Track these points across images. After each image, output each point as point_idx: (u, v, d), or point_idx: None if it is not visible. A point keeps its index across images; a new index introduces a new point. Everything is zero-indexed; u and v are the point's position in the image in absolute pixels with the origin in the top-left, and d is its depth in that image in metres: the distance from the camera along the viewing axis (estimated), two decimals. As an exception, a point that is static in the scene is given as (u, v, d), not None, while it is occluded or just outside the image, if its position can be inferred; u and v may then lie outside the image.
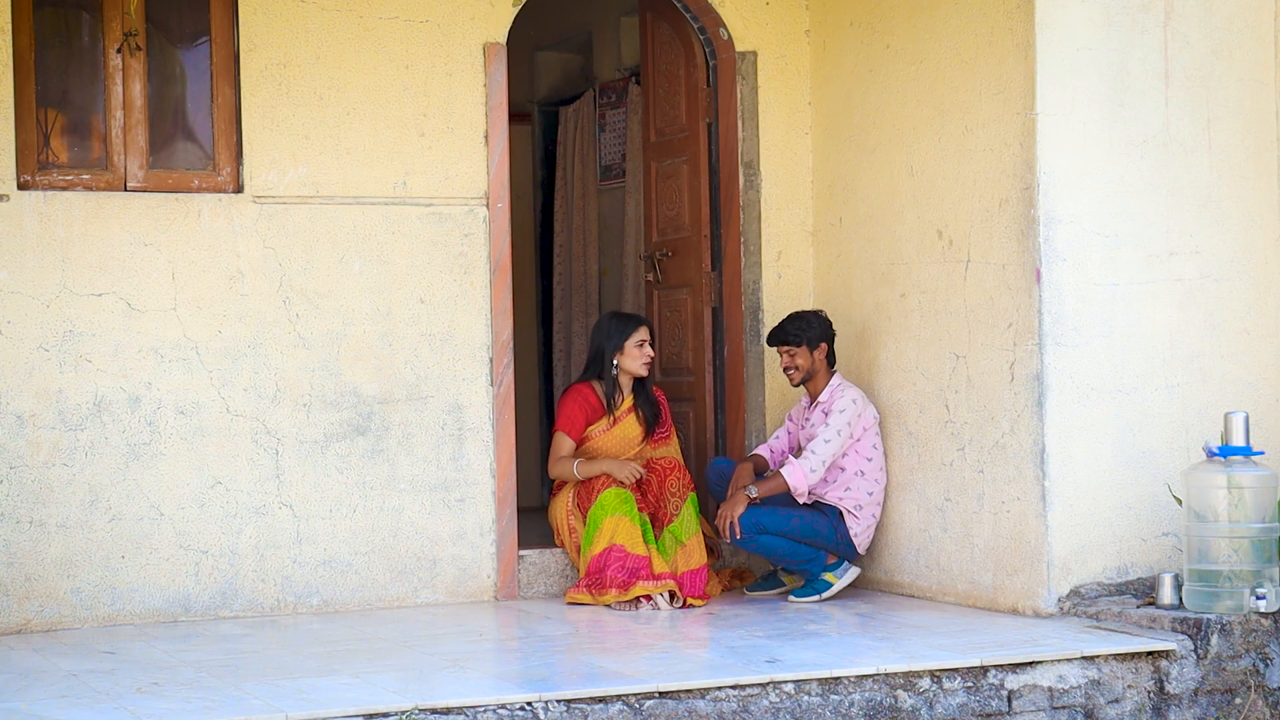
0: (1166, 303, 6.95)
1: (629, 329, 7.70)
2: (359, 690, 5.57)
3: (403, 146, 7.43)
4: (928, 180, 7.32)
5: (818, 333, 7.47)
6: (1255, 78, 7.09)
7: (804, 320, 7.50)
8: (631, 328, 7.71)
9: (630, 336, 7.69)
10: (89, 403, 6.97)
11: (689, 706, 5.62)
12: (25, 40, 6.98)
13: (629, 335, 7.69)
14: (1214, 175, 7.03)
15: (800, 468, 7.29)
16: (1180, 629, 6.31)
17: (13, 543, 6.86)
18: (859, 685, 5.84)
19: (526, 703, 5.47)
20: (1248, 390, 7.05)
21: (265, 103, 7.23)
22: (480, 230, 7.55)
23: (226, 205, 7.19)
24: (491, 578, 7.53)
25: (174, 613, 7.08)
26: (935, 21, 7.27)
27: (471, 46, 7.54)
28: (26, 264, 6.91)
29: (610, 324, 7.76)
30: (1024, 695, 6.02)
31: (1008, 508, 6.91)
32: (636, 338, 7.69)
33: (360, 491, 7.34)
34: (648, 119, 8.53)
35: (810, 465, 7.30)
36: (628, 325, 7.72)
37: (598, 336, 7.78)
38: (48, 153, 7.05)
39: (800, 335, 7.47)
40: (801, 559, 7.37)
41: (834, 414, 7.37)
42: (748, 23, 8.02)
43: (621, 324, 7.73)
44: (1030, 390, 6.80)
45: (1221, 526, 6.39)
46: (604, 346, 7.72)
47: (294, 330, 7.26)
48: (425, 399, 7.44)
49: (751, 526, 7.28)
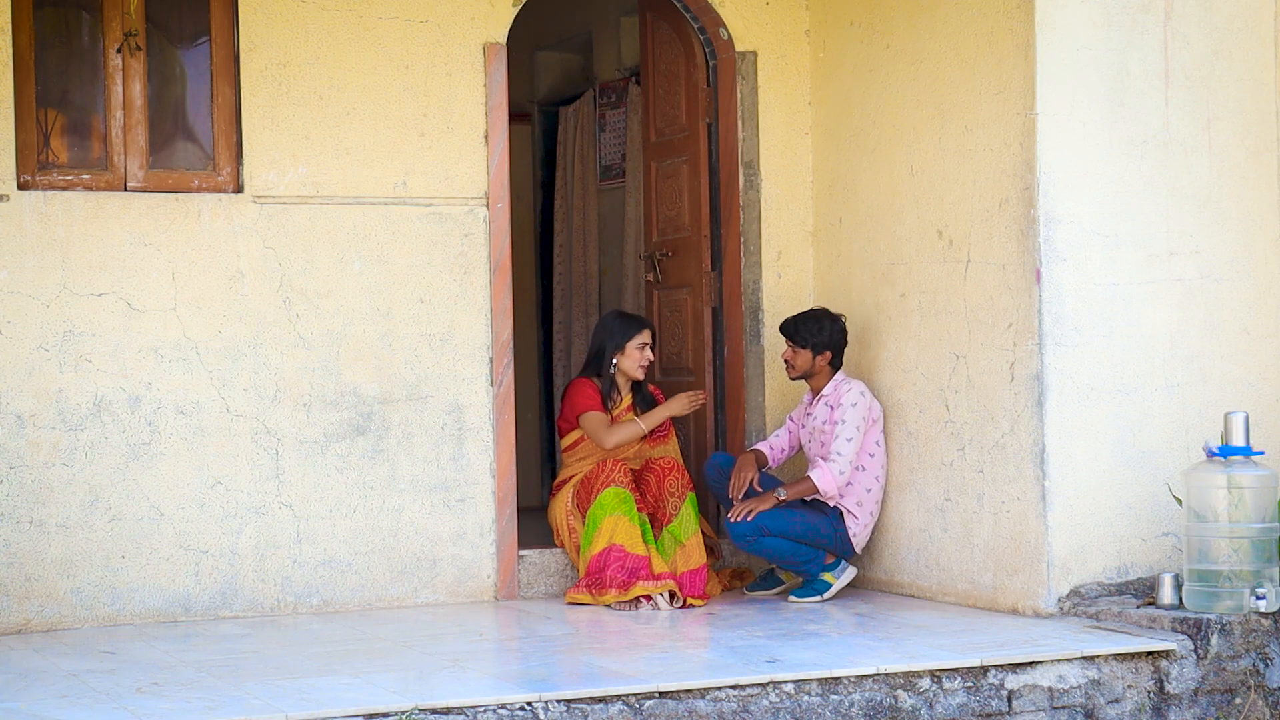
0: (1166, 303, 6.95)
1: (631, 331, 7.70)
2: (359, 690, 5.57)
3: (403, 146, 7.43)
4: (928, 180, 7.32)
5: (824, 340, 7.46)
6: (1255, 78, 7.09)
7: (818, 324, 7.48)
8: (634, 329, 7.70)
9: (632, 338, 7.69)
10: (89, 403, 6.97)
11: (689, 706, 5.62)
12: (25, 40, 6.98)
13: (631, 337, 7.69)
14: (1214, 175, 7.03)
15: (829, 471, 7.29)
16: (1180, 629, 6.31)
17: (13, 543, 6.86)
18: (859, 685, 5.84)
19: (526, 703, 5.47)
20: (1248, 390, 7.05)
21: (265, 103, 7.23)
22: (480, 230, 7.55)
23: (226, 205, 7.19)
24: (491, 578, 7.54)
25: (174, 613, 7.08)
26: (935, 21, 7.27)
27: (471, 46, 7.54)
28: (26, 264, 6.91)
29: (613, 323, 7.76)
30: (1024, 695, 6.02)
31: (1008, 508, 6.91)
32: (638, 340, 7.69)
33: (360, 491, 7.35)
34: (648, 119, 8.53)
35: (839, 468, 7.31)
36: (630, 327, 7.71)
37: (600, 334, 7.78)
38: (48, 153, 7.05)
39: (807, 338, 7.47)
40: (801, 559, 7.37)
41: (845, 409, 7.36)
42: (748, 23, 8.02)
43: (624, 325, 7.73)
44: (1030, 390, 6.80)
45: (1221, 526, 6.39)
46: (605, 345, 7.72)
47: (294, 330, 7.26)
48: (425, 399, 7.44)
49: (754, 528, 7.28)
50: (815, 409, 7.52)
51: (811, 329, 7.48)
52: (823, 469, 7.31)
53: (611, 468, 7.51)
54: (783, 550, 7.34)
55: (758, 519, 7.28)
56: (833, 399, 7.45)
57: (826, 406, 7.46)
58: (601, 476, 7.48)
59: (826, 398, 7.48)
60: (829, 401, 7.46)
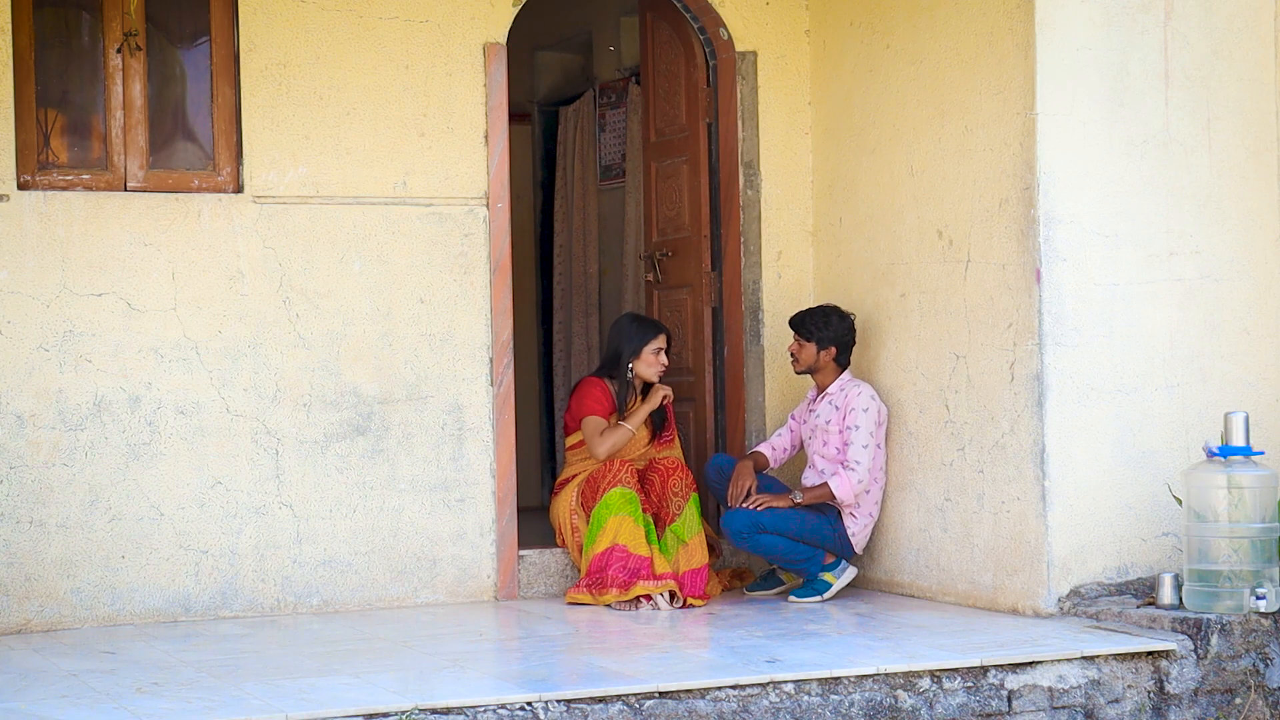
0: (1166, 303, 6.95)
1: (648, 336, 7.73)
2: (359, 690, 5.57)
3: (403, 146, 7.43)
4: (928, 180, 7.32)
5: (830, 336, 7.47)
6: (1255, 78, 7.09)
7: (825, 319, 7.49)
8: (650, 335, 7.73)
9: (649, 344, 7.72)
10: (89, 403, 6.97)
11: (689, 706, 5.62)
12: (25, 40, 6.97)
13: (647, 342, 7.72)
14: (1214, 175, 7.02)
15: (848, 480, 7.30)
16: (1180, 629, 6.31)
17: (13, 543, 6.86)
18: (859, 685, 5.84)
19: (526, 703, 5.46)
20: (1248, 390, 7.05)
21: (265, 103, 7.23)
22: (480, 230, 7.55)
23: (226, 205, 7.19)
24: (491, 578, 7.54)
25: (174, 613, 7.08)
26: (935, 21, 7.27)
27: (471, 46, 7.54)
28: (26, 264, 6.91)
29: (630, 328, 7.78)
30: (1024, 695, 6.02)
31: (1008, 508, 6.91)
32: (654, 345, 7.72)
33: (360, 491, 7.34)
34: (648, 119, 8.53)
35: (858, 476, 7.31)
36: (647, 332, 7.74)
37: (616, 338, 7.79)
38: (48, 153, 7.05)
39: (813, 332, 7.48)
40: (800, 558, 7.37)
41: (858, 414, 7.35)
42: (748, 23, 8.02)
43: (641, 330, 7.75)
44: (1030, 390, 6.80)
45: (1221, 526, 6.39)
46: (622, 349, 7.74)
47: (294, 330, 7.26)
48: (425, 399, 7.44)
49: (752, 525, 7.28)
50: (819, 406, 7.52)
51: (818, 323, 7.48)
52: (842, 477, 7.31)
53: (618, 468, 7.51)
54: (780, 548, 7.34)
55: (756, 517, 7.28)
56: (839, 400, 7.45)
57: (832, 406, 7.46)
58: (608, 476, 7.49)
59: (832, 397, 7.48)
60: (834, 402, 7.46)
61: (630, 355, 7.72)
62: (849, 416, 7.39)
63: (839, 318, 7.51)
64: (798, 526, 7.33)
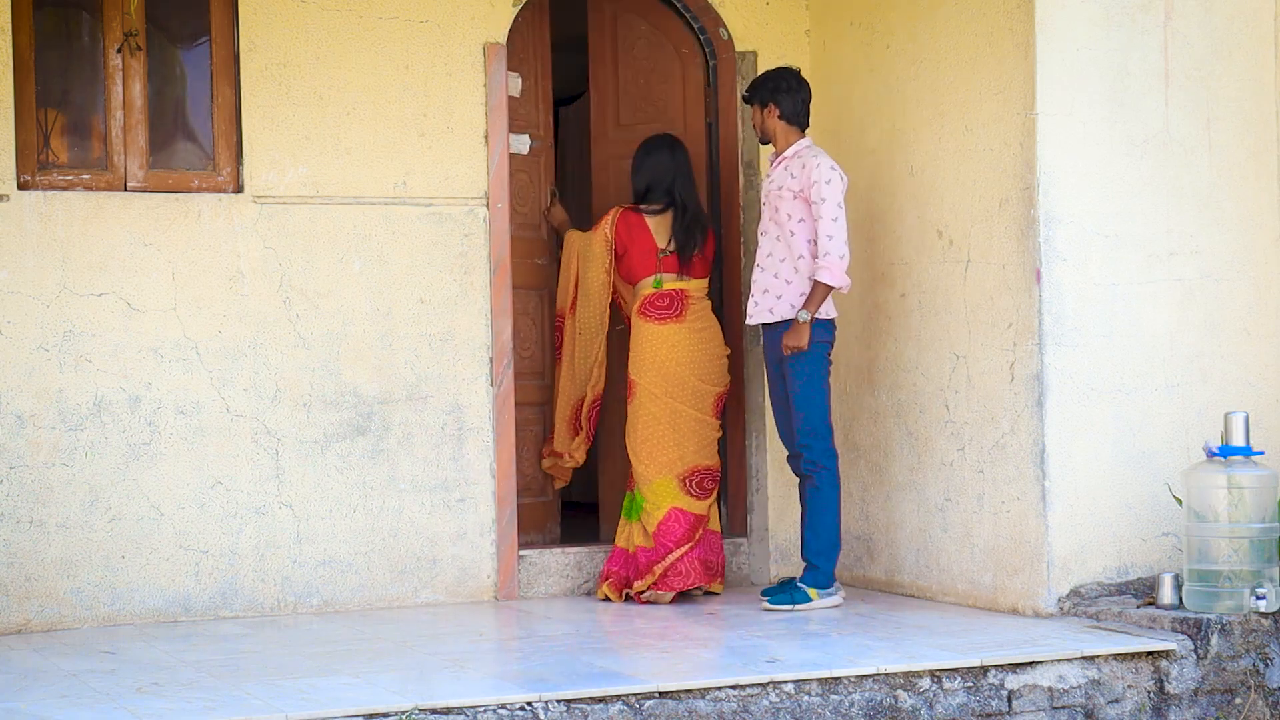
0: (1166, 303, 6.95)
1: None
2: (359, 690, 5.57)
3: (403, 146, 7.43)
4: (928, 180, 7.32)
5: (767, 92, 7.27)
6: (1255, 78, 7.09)
7: (764, 78, 7.33)
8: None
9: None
10: (89, 403, 6.97)
11: (689, 706, 5.62)
12: (25, 40, 6.98)
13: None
14: (1214, 175, 7.03)
15: (830, 264, 7.02)
16: (1180, 629, 6.31)
17: (13, 543, 6.87)
18: (859, 685, 5.84)
19: (526, 703, 5.47)
20: (1248, 390, 7.05)
21: (265, 103, 7.23)
22: (480, 230, 7.55)
23: (226, 205, 7.19)
24: (491, 578, 7.54)
25: (174, 613, 7.08)
26: (935, 21, 7.27)
27: (471, 46, 7.55)
28: (26, 264, 6.91)
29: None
30: (1024, 695, 6.02)
31: (1008, 508, 6.92)
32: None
33: (360, 491, 7.35)
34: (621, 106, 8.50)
35: (838, 252, 7.04)
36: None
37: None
38: (48, 153, 7.05)
39: (752, 95, 7.34)
40: (812, 550, 7.20)
41: (820, 188, 7.05)
42: (748, 23, 8.02)
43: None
44: (1030, 390, 6.80)
45: (1221, 526, 6.39)
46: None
47: (294, 330, 7.26)
48: (425, 399, 7.44)
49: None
50: (774, 172, 7.28)
51: (759, 83, 7.33)
52: (825, 266, 7.03)
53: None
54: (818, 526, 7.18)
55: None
56: (795, 167, 7.19)
57: (788, 173, 7.21)
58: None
59: (787, 161, 7.25)
60: (789, 168, 7.22)
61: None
62: (812, 190, 7.11)
63: (771, 72, 7.32)
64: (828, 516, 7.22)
